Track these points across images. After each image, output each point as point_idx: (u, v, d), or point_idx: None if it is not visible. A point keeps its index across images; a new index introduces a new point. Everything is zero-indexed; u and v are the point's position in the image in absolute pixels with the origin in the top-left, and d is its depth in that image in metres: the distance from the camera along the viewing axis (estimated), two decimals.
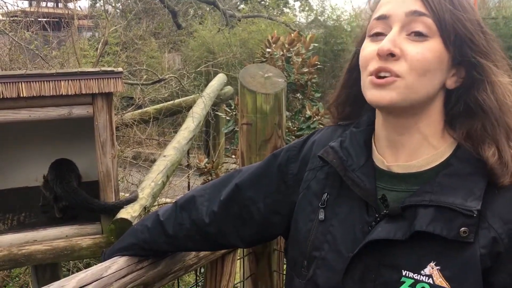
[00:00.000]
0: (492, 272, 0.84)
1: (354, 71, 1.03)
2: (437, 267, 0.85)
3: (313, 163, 1.09)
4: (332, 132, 1.11)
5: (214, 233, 1.21)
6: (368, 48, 0.92)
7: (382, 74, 0.88)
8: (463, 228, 0.83)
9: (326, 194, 1.02)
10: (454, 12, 0.87)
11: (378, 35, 0.91)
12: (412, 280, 0.86)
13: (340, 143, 1.02)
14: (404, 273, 0.87)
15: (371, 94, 0.90)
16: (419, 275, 0.85)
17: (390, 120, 0.96)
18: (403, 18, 0.87)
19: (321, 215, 1.00)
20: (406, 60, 0.87)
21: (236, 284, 1.91)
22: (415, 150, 0.94)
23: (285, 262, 2.02)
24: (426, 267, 0.85)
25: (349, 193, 0.98)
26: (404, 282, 0.86)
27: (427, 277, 0.85)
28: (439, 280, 0.84)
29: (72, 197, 2.17)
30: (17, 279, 4.12)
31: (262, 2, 14.39)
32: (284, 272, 1.94)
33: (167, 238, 1.24)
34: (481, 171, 0.88)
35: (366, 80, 0.92)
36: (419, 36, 0.87)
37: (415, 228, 0.86)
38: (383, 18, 0.90)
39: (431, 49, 0.87)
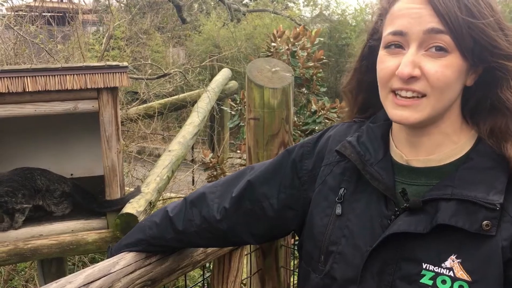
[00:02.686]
0: (511, 264, 0.83)
1: (365, 60, 1.04)
2: (458, 260, 0.84)
3: (329, 158, 1.08)
4: (347, 128, 1.11)
5: (225, 229, 1.20)
6: (387, 64, 0.91)
7: (404, 94, 0.89)
8: (485, 222, 0.83)
9: (343, 188, 1.01)
10: (473, 23, 0.84)
11: (395, 47, 0.90)
12: (433, 273, 0.85)
13: (357, 138, 1.02)
14: (424, 266, 0.87)
15: (395, 114, 0.90)
16: (439, 268, 0.85)
17: (409, 127, 0.95)
18: (421, 36, 0.86)
19: (338, 210, 1.00)
20: (427, 79, 0.86)
21: (243, 279, 1.91)
22: (436, 147, 0.94)
23: (292, 257, 2.01)
24: (446, 260, 0.85)
25: (366, 187, 0.97)
26: (424, 275, 0.86)
27: (447, 270, 0.85)
28: (460, 273, 0.84)
29: (81, 190, 2.21)
30: (22, 273, 4.13)
31: None
32: (291, 268, 1.94)
33: (176, 234, 1.23)
34: (501, 165, 0.87)
35: (387, 97, 0.92)
36: (439, 51, 0.86)
37: (437, 221, 0.86)
38: (399, 34, 0.89)
39: (450, 65, 0.86)
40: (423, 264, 0.87)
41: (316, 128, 2.85)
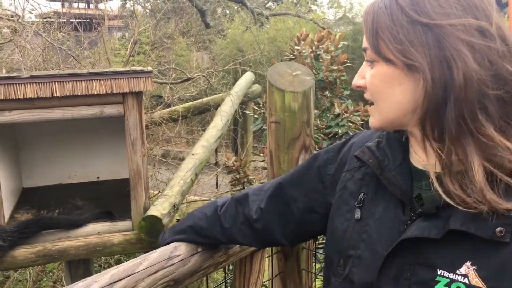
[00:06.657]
0: None
1: None
2: (473, 267, 0.83)
3: (350, 164, 1.11)
4: (370, 134, 1.14)
5: (261, 229, 1.27)
6: None
7: (370, 102, 1.00)
8: (499, 228, 0.82)
9: (363, 193, 1.03)
10: (378, 32, 0.89)
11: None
12: (447, 280, 0.85)
13: (377, 144, 1.04)
14: (439, 272, 0.86)
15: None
16: (454, 275, 0.84)
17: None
18: (364, 54, 0.97)
19: (357, 214, 1.02)
20: (367, 88, 0.98)
21: (265, 282, 1.92)
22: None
23: (314, 260, 2.02)
24: (461, 266, 0.84)
25: (385, 192, 0.99)
26: (439, 281, 0.86)
27: (462, 277, 0.84)
28: (475, 280, 0.83)
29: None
30: (51, 274, 4.22)
31: (291, 0, 14.35)
32: (313, 271, 1.94)
33: (222, 229, 1.33)
34: None
35: None
36: (370, 63, 0.95)
37: (449, 227, 0.85)
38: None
39: (376, 74, 0.93)
40: (438, 270, 0.86)
41: (339, 131, 2.85)
